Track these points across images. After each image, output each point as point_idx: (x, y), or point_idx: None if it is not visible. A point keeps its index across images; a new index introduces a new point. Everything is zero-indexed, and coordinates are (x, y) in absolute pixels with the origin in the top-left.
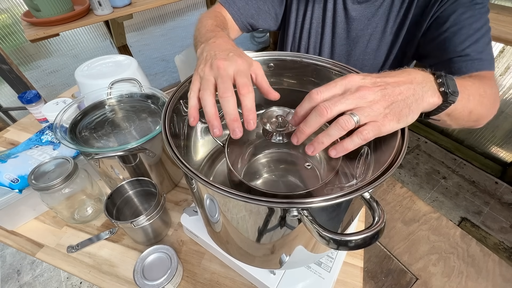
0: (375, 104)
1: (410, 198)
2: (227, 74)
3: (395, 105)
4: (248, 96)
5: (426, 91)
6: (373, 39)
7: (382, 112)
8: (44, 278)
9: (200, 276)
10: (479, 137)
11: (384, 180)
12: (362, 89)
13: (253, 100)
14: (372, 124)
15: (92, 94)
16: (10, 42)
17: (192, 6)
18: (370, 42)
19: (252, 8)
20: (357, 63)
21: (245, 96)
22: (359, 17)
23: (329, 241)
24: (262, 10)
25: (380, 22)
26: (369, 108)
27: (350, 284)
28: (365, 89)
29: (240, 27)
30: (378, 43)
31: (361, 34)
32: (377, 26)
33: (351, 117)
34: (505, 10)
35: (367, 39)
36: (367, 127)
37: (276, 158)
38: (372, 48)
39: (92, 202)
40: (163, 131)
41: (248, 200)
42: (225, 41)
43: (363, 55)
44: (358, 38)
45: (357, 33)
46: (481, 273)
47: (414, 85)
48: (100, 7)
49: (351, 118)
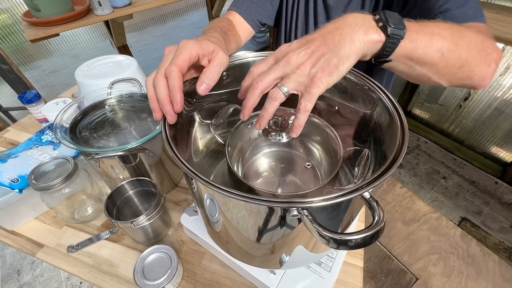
0: (301, 66)
1: (410, 198)
2: (167, 59)
3: (322, 59)
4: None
5: (356, 30)
6: None
7: (308, 74)
8: (44, 278)
9: (200, 276)
10: (479, 137)
11: (384, 180)
12: (288, 55)
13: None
14: (304, 95)
15: (92, 94)
16: (10, 42)
17: (192, 6)
18: None
19: (258, 6)
20: None
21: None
22: (336, 5)
23: (329, 240)
24: (266, 7)
25: (356, 8)
26: (295, 74)
27: (350, 284)
28: (290, 54)
29: (251, 25)
30: None
31: None
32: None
33: (279, 89)
34: (505, 10)
35: None
36: (302, 100)
37: (277, 157)
38: None
39: (92, 202)
40: (163, 131)
41: (248, 200)
42: (207, 34)
43: None
44: None
45: None
46: (481, 273)
47: (340, 30)
48: (100, 7)
49: (278, 89)
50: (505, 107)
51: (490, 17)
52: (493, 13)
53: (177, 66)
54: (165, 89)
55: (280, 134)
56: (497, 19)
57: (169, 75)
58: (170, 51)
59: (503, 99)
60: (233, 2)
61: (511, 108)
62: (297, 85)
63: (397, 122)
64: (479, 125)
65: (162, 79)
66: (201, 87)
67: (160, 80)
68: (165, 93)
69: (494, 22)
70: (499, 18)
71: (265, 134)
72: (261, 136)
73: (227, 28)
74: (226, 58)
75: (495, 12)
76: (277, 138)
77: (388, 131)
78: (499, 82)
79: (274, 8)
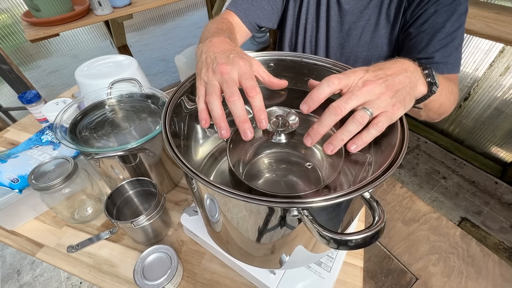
0: (382, 95)
1: (410, 198)
2: (232, 78)
3: (399, 93)
4: (256, 97)
5: (417, 79)
6: (366, 31)
7: (390, 102)
8: (44, 278)
9: (200, 276)
10: (479, 137)
11: (384, 180)
12: (368, 83)
13: (261, 100)
14: (384, 114)
15: (92, 94)
16: (10, 42)
17: (192, 6)
18: (363, 34)
19: (257, 9)
20: (351, 55)
21: (254, 98)
22: (352, 10)
23: (329, 240)
24: (266, 10)
25: (372, 15)
26: (378, 100)
27: (350, 284)
28: (371, 83)
29: (248, 28)
30: (371, 35)
31: (354, 27)
32: (369, 18)
33: (365, 111)
34: (505, 10)
35: (360, 31)
36: (381, 118)
37: (277, 158)
38: (366, 40)
39: (92, 202)
40: (163, 131)
41: (249, 200)
42: (221, 40)
43: (356, 47)
44: (351, 31)
45: (350, 25)
46: (481, 273)
47: (408, 73)
48: (100, 7)
49: (365, 112)
50: (505, 107)
51: (490, 17)
52: (493, 13)
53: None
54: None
55: (280, 134)
56: (497, 19)
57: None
58: (231, 71)
59: (503, 99)
60: (232, 2)
61: (511, 108)
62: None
63: (397, 122)
64: (479, 125)
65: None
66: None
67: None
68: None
69: (494, 22)
70: (499, 18)
71: (265, 134)
72: (262, 137)
73: (230, 31)
74: (259, 63)
75: (495, 12)
76: (277, 138)
77: (388, 131)
78: (499, 82)
79: (275, 11)
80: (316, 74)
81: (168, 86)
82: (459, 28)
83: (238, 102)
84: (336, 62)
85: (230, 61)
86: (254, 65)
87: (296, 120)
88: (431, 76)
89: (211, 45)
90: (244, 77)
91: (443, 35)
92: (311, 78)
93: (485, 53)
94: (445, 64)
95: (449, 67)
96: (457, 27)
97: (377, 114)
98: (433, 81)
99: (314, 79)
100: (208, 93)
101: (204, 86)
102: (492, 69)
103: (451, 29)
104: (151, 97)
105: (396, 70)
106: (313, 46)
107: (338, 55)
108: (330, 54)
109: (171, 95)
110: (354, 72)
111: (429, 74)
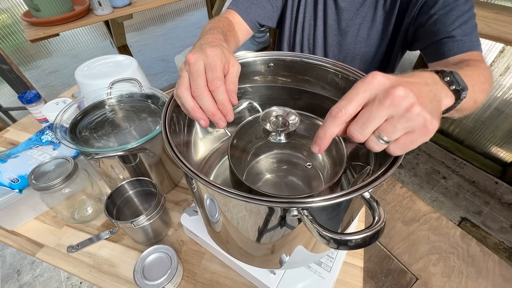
0: (412, 108)
1: (410, 198)
2: (197, 69)
3: (430, 105)
4: (217, 91)
5: (440, 91)
6: (363, 28)
7: (419, 114)
8: (44, 278)
9: (200, 276)
10: (479, 137)
11: (384, 180)
12: (392, 94)
13: (224, 92)
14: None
15: (92, 94)
16: (10, 42)
17: (192, 6)
18: (360, 31)
19: (258, 7)
20: (349, 52)
21: (215, 92)
22: (348, 8)
23: (329, 240)
24: (266, 8)
25: (368, 12)
26: (403, 118)
27: (350, 284)
28: (394, 92)
29: (250, 26)
30: (368, 32)
31: (350, 24)
32: (366, 15)
33: (379, 141)
34: (505, 10)
35: (357, 28)
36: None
37: (278, 159)
38: (363, 37)
39: (92, 202)
40: (163, 131)
41: (249, 200)
42: (212, 35)
43: (354, 44)
44: (348, 28)
45: (347, 23)
46: (481, 273)
47: (430, 86)
48: (100, 7)
49: (378, 141)
50: (505, 107)
51: (490, 17)
52: (493, 13)
53: (221, 80)
54: (212, 101)
55: (280, 134)
56: (497, 19)
57: (216, 90)
58: (196, 60)
59: (503, 99)
60: (233, 1)
61: (511, 108)
62: (405, 130)
63: None
64: (479, 125)
65: (206, 92)
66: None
67: (204, 92)
68: (213, 105)
69: (494, 22)
70: (499, 18)
71: (265, 134)
72: (263, 137)
73: (227, 29)
74: (239, 67)
75: (495, 12)
76: (277, 138)
77: None
78: (499, 82)
79: (275, 9)
80: (315, 74)
81: (168, 86)
82: (472, 8)
83: (204, 95)
84: (336, 62)
85: (200, 50)
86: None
87: (296, 120)
88: (456, 83)
89: (201, 40)
90: (208, 68)
91: (459, 13)
92: (311, 78)
93: (485, 53)
94: (470, 41)
95: (474, 44)
96: (470, 7)
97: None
98: (459, 87)
99: (314, 78)
100: (177, 85)
101: (180, 78)
102: (492, 69)
103: (465, 7)
104: (151, 97)
105: (416, 81)
106: (311, 45)
107: (336, 52)
108: (328, 52)
109: (171, 95)
110: (366, 83)
111: (452, 81)
